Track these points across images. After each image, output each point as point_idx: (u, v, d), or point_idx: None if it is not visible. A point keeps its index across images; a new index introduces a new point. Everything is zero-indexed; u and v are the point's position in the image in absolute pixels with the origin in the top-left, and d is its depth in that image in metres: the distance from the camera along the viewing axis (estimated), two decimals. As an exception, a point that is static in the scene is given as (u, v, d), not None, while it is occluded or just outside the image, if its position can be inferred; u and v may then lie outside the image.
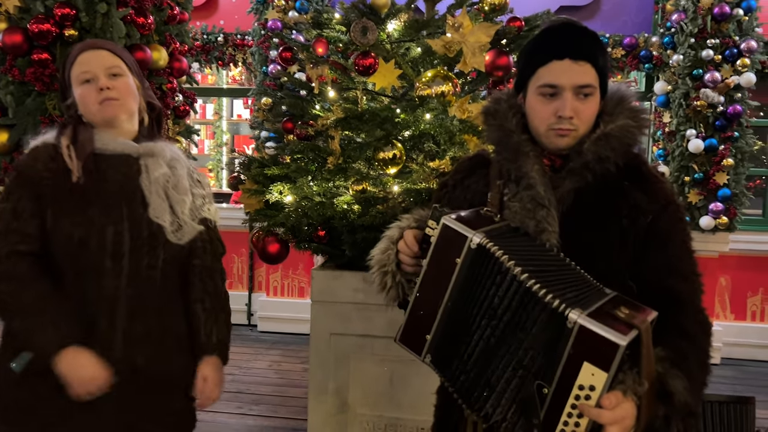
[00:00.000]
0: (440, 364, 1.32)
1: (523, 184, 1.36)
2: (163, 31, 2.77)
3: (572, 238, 1.33)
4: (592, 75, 1.34)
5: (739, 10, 4.49)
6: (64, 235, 1.51)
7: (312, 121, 2.32)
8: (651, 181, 1.38)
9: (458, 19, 2.08)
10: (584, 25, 1.39)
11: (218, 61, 5.44)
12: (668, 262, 1.34)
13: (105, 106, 1.56)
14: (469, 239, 1.23)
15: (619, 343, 1.06)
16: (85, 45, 1.63)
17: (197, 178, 1.71)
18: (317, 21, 2.33)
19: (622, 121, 1.36)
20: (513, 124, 1.41)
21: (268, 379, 4.24)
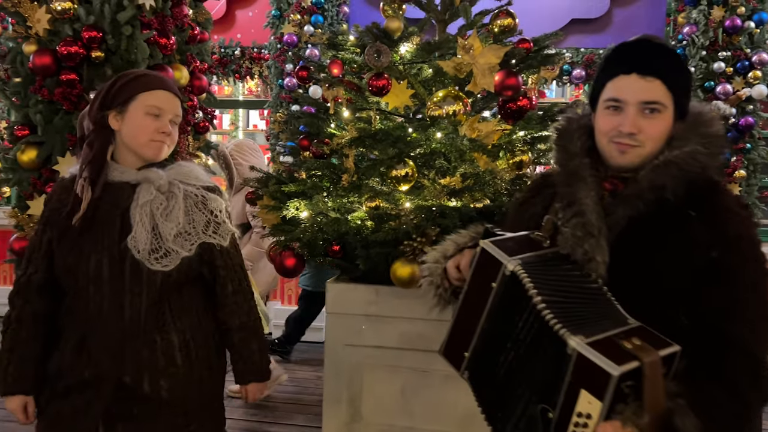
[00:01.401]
0: (474, 382, 1.36)
1: (574, 210, 1.32)
2: (185, 50, 2.86)
3: (620, 269, 1.28)
4: (660, 92, 1.30)
5: (751, 23, 4.53)
6: (60, 260, 1.64)
7: (327, 140, 2.40)
8: (721, 213, 1.27)
9: (469, 42, 2.15)
10: (665, 42, 1.37)
11: (235, 74, 5.57)
12: (728, 304, 1.24)
13: (156, 146, 1.65)
14: (504, 266, 1.26)
15: (611, 373, 1.06)
16: (164, 82, 1.69)
17: (202, 202, 1.69)
18: (333, 42, 2.42)
19: (690, 147, 1.30)
20: (577, 146, 1.38)
21: (282, 387, 4.31)
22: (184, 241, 1.65)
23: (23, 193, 2.63)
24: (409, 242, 2.13)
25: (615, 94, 1.32)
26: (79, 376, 1.63)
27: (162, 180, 1.65)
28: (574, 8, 5.22)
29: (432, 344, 2.26)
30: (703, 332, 1.23)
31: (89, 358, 1.63)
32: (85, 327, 1.63)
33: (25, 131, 2.60)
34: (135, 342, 1.63)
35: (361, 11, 5.53)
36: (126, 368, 1.62)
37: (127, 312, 1.61)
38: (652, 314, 1.22)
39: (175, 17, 2.75)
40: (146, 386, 1.63)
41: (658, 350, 1.12)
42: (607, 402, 1.08)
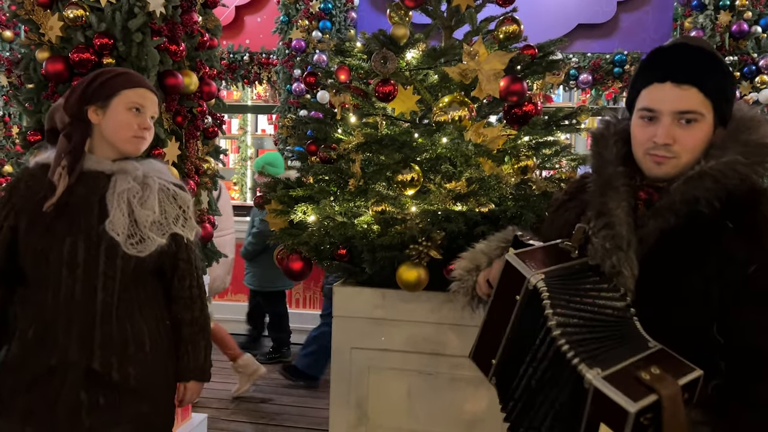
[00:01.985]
0: (500, 389, 1.37)
1: (604, 221, 1.28)
2: (194, 57, 2.90)
3: (650, 284, 1.24)
4: (697, 100, 1.23)
5: (758, 27, 4.54)
6: (30, 246, 1.66)
7: (334, 145, 2.43)
8: (761, 226, 1.21)
9: (474, 48, 2.18)
10: (704, 45, 1.29)
11: (244, 79, 5.62)
12: (763, 320, 1.18)
13: (135, 142, 1.72)
14: (527, 280, 1.24)
15: (628, 410, 1.05)
16: (144, 81, 1.76)
17: (173, 196, 1.76)
18: (340, 49, 2.45)
19: (729, 157, 1.22)
20: (612, 153, 1.34)
21: (289, 390, 4.34)
22: (157, 229, 1.71)
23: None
24: (414, 246, 2.15)
25: (649, 104, 1.27)
26: (45, 364, 1.63)
27: (138, 171, 1.72)
28: (581, 13, 5.24)
29: (437, 347, 2.30)
30: (737, 352, 1.19)
31: (55, 345, 1.63)
32: (51, 313, 1.64)
33: (38, 136, 2.64)
34: (106, 327, 1.66)
35: (369, 17, 5.57)
36: (95, 354, 1.64)
37: (100, 295, 1.65)
38: (680, 331, 1.19)
39: (185, 24, 2.79)
40: (115, 374, 1.66)
41: (678, 378, 1.10)
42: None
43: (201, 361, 1.84)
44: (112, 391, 1.67)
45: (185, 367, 1.83)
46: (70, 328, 1.64)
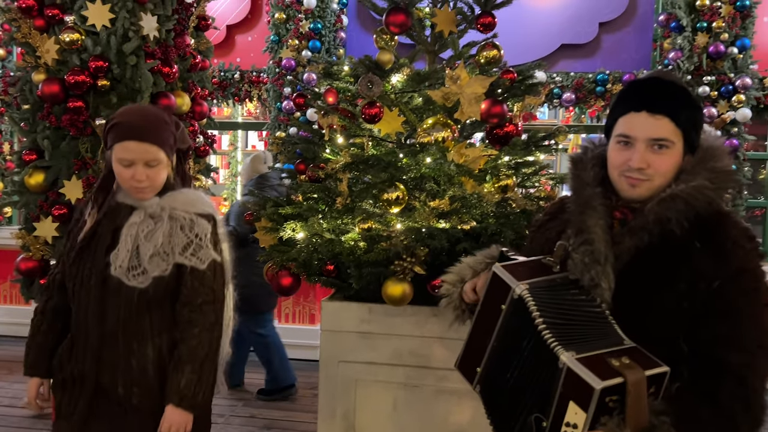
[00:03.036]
0: (485, 395, 1.45)
1: (583, 238, 1.37)
2: (186, 78, 2.99)
3: (625, 297, 1.33)
4: (668, 129, 1.34)
5: (734, 48, 4.69)
6: (66, 269, 1.85)
7: (322, 165, 2.52)
8: (726, 246, 1.31)
9: (456, 72, 2.28)
10: (675, 79, 1.41)
11: (234, 96, 5.70)
12: (726, 333, 1.27)
13: (135, 191, 1.79)
14: (512, 290, 1.34)
15: (594, 386, 1.13)
16: (131, 132, 1.74)
17: (189, 226, 1.79)
18: (328, 72, 2.54)
19: (697, 182, 1.33)
20: (590, 176, 1.44)
21: (279, 404, 4.38)
22: (160, 261, 1.77)
23: (30, 215, 2.74)
24: (399, 262, 2.23)
25: (625, 131, 1.38)
26: (70, 372, 1.84)
27: (154, 206, 1.79)
28: (564, 34, 5.38)
29: (422, 360, 2.38)
30: (701, 359, 1.28)
31: (76, 357, 1.82)
32: (75, 329, 1.84)
33: (33, 156, 2.72)
34: (112, 349, 1.80)
35: (358, 37, 5.68)
36: (103, 371, 1.79)
37: (107, 320, 1.79)
38: (652, 339, 1.27)
39: (178, 47, 2.89)
40: (120, 390, 1.80)
41: (645, 370, 1.18)
42: (591, 413, 1.15)
43: (181, 385, 1.76)
44: (117, 406, 1.81)
45: (167, 388, 1.79)
46: (86, 344, 1.81)
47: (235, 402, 4.39)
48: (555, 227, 1.55)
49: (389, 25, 2.47)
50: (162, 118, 1.83)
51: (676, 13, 4.88)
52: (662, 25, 5.08)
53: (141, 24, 2.67)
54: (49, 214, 2.68)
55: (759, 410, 1.27)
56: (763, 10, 4.96)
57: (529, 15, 5.34)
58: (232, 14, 5.82)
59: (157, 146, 1.77)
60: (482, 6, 2.52)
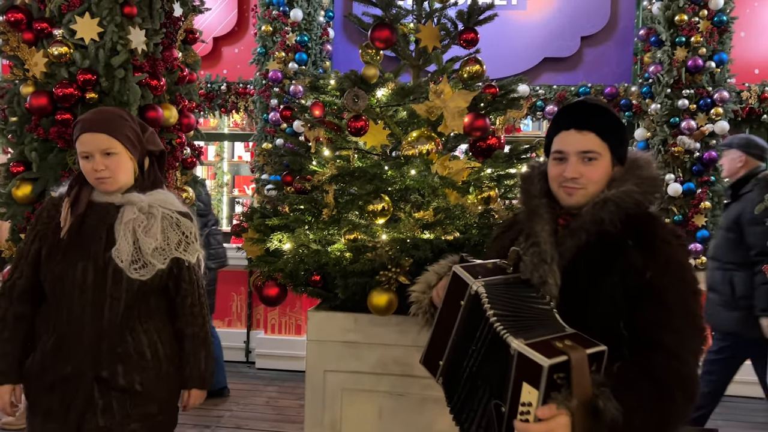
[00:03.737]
0: (447, 387, 1.58)
1: (532, 241, 1.55)
2: (174, 91, 3.02)
3: (569, 290, 1.50)
4: (595, 143, 1.54)
5: (712, 63, 4.79)
6: (50, 270, 1.88)
7: (309, 176, 2.56)
8: (655, 242, 1.49)
9: (440, 87, 2.33)
10: (599, 102, 1.64)
11: (221, 108, 5.72)
12: (659, 316, 1.43)
13: (99, 183, 1.89)
14: (469, 287, 1.48)
15: (542, 364, 1.28)
16: (85, 126, 1.89)
17: (176, 223, 1.94)
18: (314, 86, 2.59)
19: (626, 187, 1.52)
20: (537, 189, 1.64)
21: (265, 415, 4.39)
22: (159, 255, 1.90)
23: (17, 226, 2.75)
24: (384, 272, 2.27)
25: (559, 147, 1.58)
26: (61, 371, 1.86)
27: (143, 203, 1.90)
28: (547, 47, 5.47)
29: (407, 369, 2.41)
30: (638, 340, 1.44)
31: (69, 355, 1.85)
32: (66, 328, 1.87)
33: (20, 168, 2.73)
34: (110, 340, 1.87)
35: (344, 50, 5.74)
36: (103, 364, 1.86)
37: (106, 314, 1.86)
38: (596, 326, 1.43)
39: (166, 60, 2.92)
40: (121, 379, 1.87)
41: (586, 349, 1.34)
42: (542, 389, 1.28)
43: (201, 369, 2.03)
44: (122, 394, 1.88)
45: (187, 376, 2.03)
46: (81, 341, 1.86)
47: (221, 412, 4.39)
48: (509, 236, 1.73)
49: (374, 41, 2.53)
50: (117, 113, 1.95)
51: (655, 28, 4.99)
52: (642, 39, 5.18)
53: (129, 38, 2.70)
54: (36, 225, 2.69)
55: (692, 383, 1.43)
56: (739, 26, 5.08)
57: (512, 29, 5.43)
58: (219, 26, 5.86)
59: (110, 136, 1.87)
60: (465, 22, 2.58)
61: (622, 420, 1.31)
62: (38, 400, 1.91)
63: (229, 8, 5.85)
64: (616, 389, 1.33)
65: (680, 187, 4.78)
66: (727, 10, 4.80)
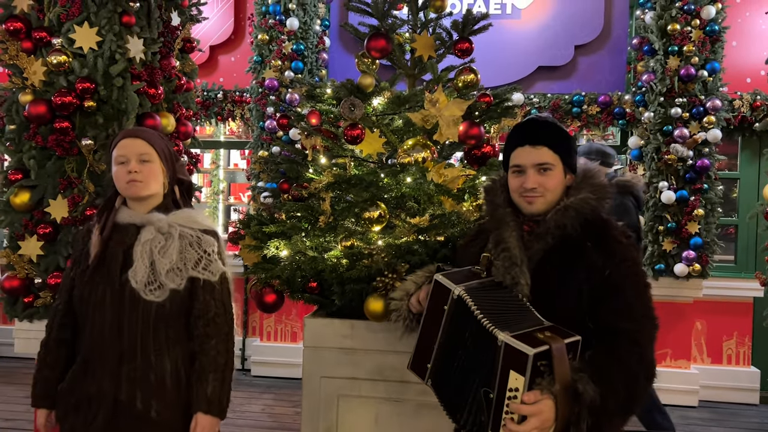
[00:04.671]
0: (436, 387, 1.71)
1: (502, 247, 1.70)
2: (172, 99, 3.05)
3: (539, 289, 1.67)
4: (549, 155, 1.72)
5: (704, 71, 4.84)
6: (78, 293, 1.92)
7: (306, 184, 2.58)
8: (610, 243, 1.68)
9: (435, 96, 2.36)
10: (548, 119, 1.80)
11: (217, 116, 5.74)
12: (618, 307, 1.62)
13: (130, 186, 1.90)
14: (452, 292, 1.63)
15: (527, 353, 1.43)
16: (126, 132, 1.96)
17: (196, 242, 1.92)
18: (311, 94, 2.62)
19: (583, 195, 1.71)
20: (501, 199, 1.80)
21: (261, 423, 4.39)
22: (174, 276, 1.89)
23: (15, 234, 2.76)
24: (381, 278, 2.29)
25: (516, 161, 1.76)
26: (86, 392, 1.88)
27: (162, 222, 1.90)
28: (541, 56, 5.51)
29: (404, 375, 2.43)
30: (601, 329, 1.62)
31: (93, 377, 1.88)
32: (90, 350, 1.89)
33: (19, 175, 2.74)
34: (131, 364, 1.86)
35: (340, 58, 5.78)
36: (122, 387, 1.86)
37: (125, 336, 1.86)
38: (565, 321, 1.59)
39: (163, 69, 2.95)
40: (139, 404, 1.86)
41: (564, 339, 1.50)
42: (528, 375, 1.43)
43: (208, 392, 1.89)
44: (136, 420, 1.86)
45: (194, 397, 1.90)
46: (103, 363, 1.87)
47: (217, 420, 4.38)
48: (477, 244, 1.88)
49: (370, 50, 2.56)
50: (157, 130, 2.03)
51: (648, 37, 5.04)
52: (635, 48, 5.23)
53: (127, 46, 2.72)
54: (34, 233, 2.71)
55: (650, 365, 1.61)
56: (731, 35, 5.14)
57: (507, 38, 5.48)
58: (216, 35, 5.89)
59: (148, 143, 1.93)
60: (460, 32, 2.62)
61: (599, 400, 1.48)
62: (65, 418, 1.94)
63: (226, 17, 5.89)
64: (592, 374, 1.50)
65: (673, 194, 4.81)
66: (719, 19, 4.86)
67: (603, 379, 1.51)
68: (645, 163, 5.06)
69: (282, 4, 5.26)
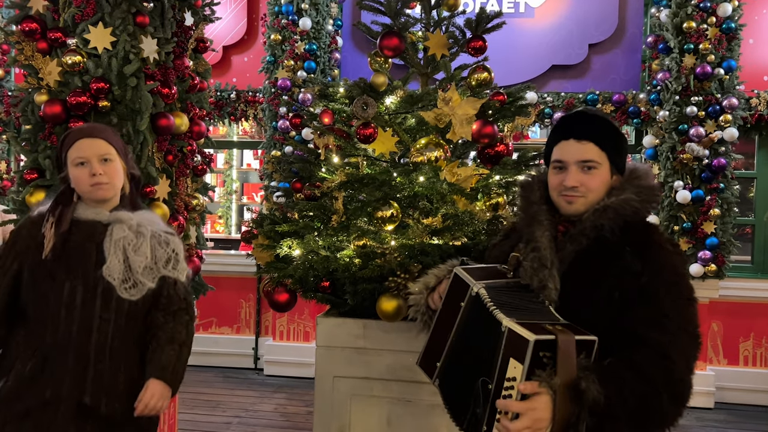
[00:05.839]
0: (443, 387, 1.60)
1: (531, 246, 1.58)
2: (185, 99, 3.05)
3: (568, 295, 1.53)
4: (594, 152, 1.58)
5: (720, 69, 4.78)
6: (32, 290, 1.81)
7: (318, 183, 2.58)
8: (652, 248, 1.53)
9: (448, 94, 2.35)
10: (598, 112, 1.67)
11: (230, 116, 5.77)
12: (649, 315, 1.45)
13: (96, 189, 1.85)
14: (470, 288, 1.52)
15: (528, 339, 1.31)
16: (82, 132, 1.90)
17: (165, 241, 1.93)
18: (324, 93, 2.62)
19: (625, 195, 1.57)
20: (537, 196, 1.66)
21: (273, 422, 4.40)
22: (148, 274, 1.87)
23: (31, 233, 2.78)
24: (393, 278, 2.28)
25: (558, 156, 1.62)
26: (39, 396, 1.75)
27: (132, 221, 1.87)
28: (555, 55, 5.47)
29: (416, 375, 2.41)
30: (628, 337, 1.46)
31: (51, 378, 1.77)
32: (50, 350, 1.78)
33: (34, 175, 2.76)
34: (99, 365, 1.80)
35: (353, 58, 5.78)
36: (87, 390, 1.77)
37: (95, 335, 1.79)
38: (593, 328, 1.43)
39: (177, 68, 2.95)
40: (103, 408, 1.79)
41: (575, 335, 1.36)
42: (527, 364, 1.31)
43: (162, 360, 1.87)
44: (100, 423, 1.79)
45: (148, 367, 1.88)
46: (65, 364, 1.77)
47: (229, 419, 4.41)
48: (509, 243, 1.77)
49: (383, 49, 2.55)
50: (108, 126, 1.97)
51: (663, 35, 4.99)
52: (650, 46, 5.18)
53: (141, 47, 2.73)
54: (49, 231, 2.72)
55: (683, 385, 1.43)
56: (748, 32, 5.07)
57: (520, 37, 5.45)
58: (229, 35, 5.91)
59: (107, 142, 1.88)
60: (473, 30, 2.60)
61: (603, 403, 1.33)
62: (6, 429, 1.77)
63: (239, 17, 5.91)
64: (601, 375, 1.36)
65: (689, 194, 4.76)
66: (735, 17, 4.80)
67: (612, 382, 1.36)
68: (660, 163, 5.02)
69: (295, 4, 5.27)
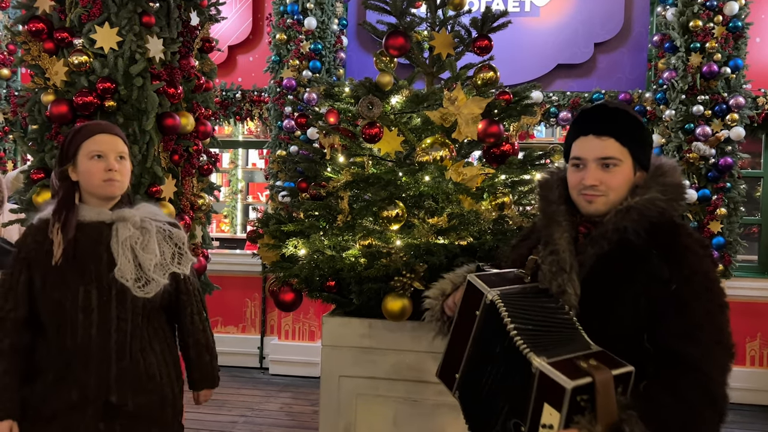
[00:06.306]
0: (464, 400, 1.53)
1: (550, 249, 1.49)
2: (191, 98, 3.06)
3: (590, 301, 1.44)
4: (615, 149, 1.47)
5: (727, 68, 4.75)
6: (46, 297, 1.81)
7: (324, 183, 2.58)
8: (681, 252, 1.42)
9: (454, 94, 2.35)
10: (619, 105, 1.53)
11: (236, 115, 5.77)
12: (684, 328, 1.36)
13: (108, 184, 1.85)
14: (484, 296, 1.43)
15: (565, 387, 1.22)
16: (100, 126, 1.91)
17: (169, 236, 1.93)
18: (329, 93, 2.62)
19: (650, 195, 1.46)
20: (556, 195, 1.57)
21: (279, 421, 4.40)
22: (160, 270, 1.87)
23: (37, 232, 2.79)
24: (399, 278, 2.29)
25: (577, 153, 1.53)
26: (66, 400, 1.79)
27: (135, 217, 1.86)
28: (560, 54, 5.46)
29: (421, 375, 2.42)
30: (662, 355, 1.37)
31: (75, 383, 1.80)
32: (71, 354, 1.80)
33: (41, 174, 2.77)
34: (121, 363, 1.83)
35: (358, 58, 5.78)
36: (112, 389, 1.81)
37: (114, 336, 1.82)
38: (618, 340, 1.38)
39: (183, 68, 2.96)
40: (130, 404, 1.83)
41: (612, 370, 1.27)
42: (564, 412, 1.22)
43: (208, 372, 2.10)
44: (128, 419, 1.84)
45: (197, 380, 2.09)
46: (88, 367, 1.80)
47: (235, 418, 4.42)
48: (527, 245, 1.67)
49: (389, 48, 2.55)
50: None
51: (670, 33, 4.97)
52: (656, 45, 5.16)
53: (147, 47, 2.74)
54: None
55: (720, 399, 1.35)
56: (755, 31, 5.05)
57: (525, 36, 5.44)
58: (234, 35, 5.92)
59: (122, 140, 1.90)
60: (479, 30, 2.60)
61: None
62: (33, 430, 1.81)
63: (244, 17, 5.91)
64: (643, 413, 1.27)
65: (695, 193, 4.74)
66: (742, 15, 4.78)
67: (654, 418, 1.27)
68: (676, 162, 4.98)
69: (300, 3, 5.27)
